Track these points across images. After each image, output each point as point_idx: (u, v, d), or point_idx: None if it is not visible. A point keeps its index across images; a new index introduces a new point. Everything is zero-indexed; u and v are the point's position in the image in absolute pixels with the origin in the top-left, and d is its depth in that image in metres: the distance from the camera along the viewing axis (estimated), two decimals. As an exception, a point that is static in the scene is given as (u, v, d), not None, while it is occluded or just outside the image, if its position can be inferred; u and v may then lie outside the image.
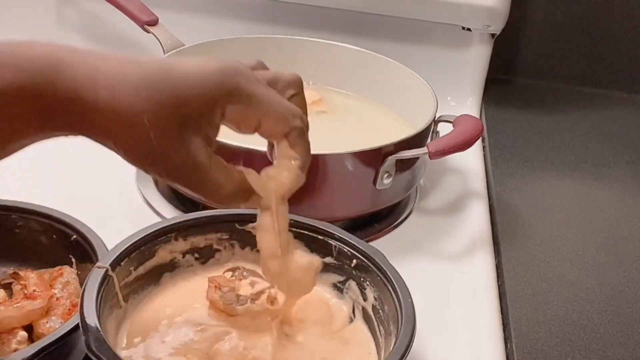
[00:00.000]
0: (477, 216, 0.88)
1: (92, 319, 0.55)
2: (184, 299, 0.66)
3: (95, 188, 0.85)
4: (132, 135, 0.48)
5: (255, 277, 0.66)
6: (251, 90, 0.50)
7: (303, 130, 0.54)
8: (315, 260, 0.61)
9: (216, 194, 0.51)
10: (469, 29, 1.08)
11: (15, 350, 0.59)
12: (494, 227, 0.86)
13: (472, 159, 0.98)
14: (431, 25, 1.09)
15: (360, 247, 0.66)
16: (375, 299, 0.65)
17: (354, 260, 0.67)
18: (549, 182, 0.97)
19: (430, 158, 0.80)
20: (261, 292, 0.65)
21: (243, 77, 0.50)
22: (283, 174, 0.55)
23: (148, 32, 0.98)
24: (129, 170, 0.89)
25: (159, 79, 0.48)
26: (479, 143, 1.00)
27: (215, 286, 0.65)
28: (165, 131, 0.48)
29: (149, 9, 1.00)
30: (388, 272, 0.63)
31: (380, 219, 0.86)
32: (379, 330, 0.64)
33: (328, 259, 0.68)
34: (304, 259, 0.61)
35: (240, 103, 0.50)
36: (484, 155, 1.01)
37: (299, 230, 0.68)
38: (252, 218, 0.60)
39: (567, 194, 0.95)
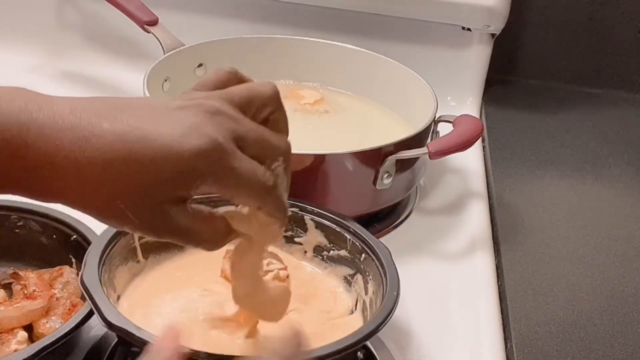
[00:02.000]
0: (477, 216, 0.88)
1: (95, 256, 0.59)
2: (201, 266, 0.67)
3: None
4: (108, 212, 0.47)
5: (274, 259, 0.67)
6: (226, 170, 0.46)
7: (277, 199, 0.50)
8: (286, 288, 0.61)
9: (206, 246, 0.51)
10: (469, 29, 1.08)
11: (15, 350, 0.59)
12: (494, 227, 0.86)
13: (472, 159, 0.98)
14: (431, 25, 1.08)
15: (369, 242, 0.67)
16: (373, 292, 0.65)
17: (363, 255, 0.67)
18: (549, 182, 0.97)
19: (430, 158, 0.80)
20: (269, 270, 0.65)
21: (220, 155, 0.46)
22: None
23: (148, 32, 0.98)
24: (129, 170, 0.89)
25: (131, 161, 0.45)
26: (479, 143, 1.00)
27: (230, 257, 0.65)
28: (142, 210, 0.47)
29: (149, 9, 1.00)
30: (385, 267, 0.64)
31: (380, 219, 0.85)
32: None
33: (343, 252, 0.69)
34: (276, 285, 0.61)
35: (214, 184, 0.47)
36: (484, 155, 1.01)
37: (319, 220, 0.70)
38: None
39: (567, 194, 0.94)
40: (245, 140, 0.48)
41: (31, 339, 0.62)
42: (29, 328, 0.63)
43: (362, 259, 0.67)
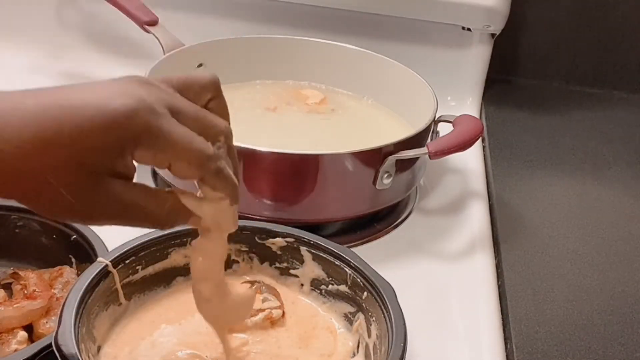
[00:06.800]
0: (477, 216, 0.88)
1: (70, 312, 0.55)
2: (187, 306, 0.64)
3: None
4: (39, 194, 0.43)
5: (271, 294, 0.64)
6: (159, 129, 0.44)
7: (219, 170, 0.47)
8: (251, 294, 0.59)
9: (154, 223, 0.48)
10: (469, 29, 1.08)
11: (15, 350, 0.59)
12: (494, 227, 0.86)
13: (472, 159, 0.98)
14: (431, 25, 1.08)
15: (372, 279, 0.62)
16: (377, 337, 0.61)
17: (365, 293, 0.63)
18: (549, 182, 0.97)
19: (430, 158, 0.80)
20: (261, 310, 0.63)
21: (150, 114, 0.44)
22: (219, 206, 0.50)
23: (148, 32, 0.98)
24: (129, 170, 0.89)
25: (53, 124, 0.42)
26: (479, 143, 1.00)
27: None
28: (77, 184, 0.43)
29: (149, 9, 1.00)
30: (391, 311, 0.59)
31: (380, 219, 0.85)
32: None
33: (342, 287, 0.65)
34: (240, 289, 0.58)
35: (149, 147, 0.44)
36: (484, 155, 1.01)
37: (316, 252, 0.66)
38: (271, 234, 0.58)
39: (567, 194, 0.95)
40: (181, 114, 0.46)
41: (31, 339, 0.62)
42: (29, 328, 0.63)
43: (363, 297, 0.63)
